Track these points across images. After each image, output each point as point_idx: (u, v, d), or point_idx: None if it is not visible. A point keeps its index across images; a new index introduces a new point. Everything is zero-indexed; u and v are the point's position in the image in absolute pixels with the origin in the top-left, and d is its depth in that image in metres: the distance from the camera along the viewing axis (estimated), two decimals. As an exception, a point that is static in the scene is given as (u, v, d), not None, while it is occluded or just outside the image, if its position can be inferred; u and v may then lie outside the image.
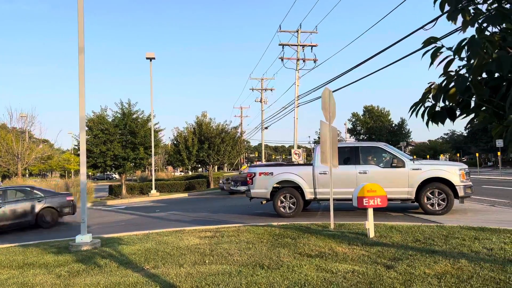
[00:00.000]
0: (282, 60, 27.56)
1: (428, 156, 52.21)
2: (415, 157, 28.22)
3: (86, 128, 23.32)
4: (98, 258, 6.76)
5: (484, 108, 2.28)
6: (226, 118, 39.80)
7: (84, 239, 7.98)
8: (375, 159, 10.90)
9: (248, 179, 11.46)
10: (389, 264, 5.32)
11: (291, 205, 11.01)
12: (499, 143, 29.53)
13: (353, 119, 72.41)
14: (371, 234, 7.08)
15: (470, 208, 11.33)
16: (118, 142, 24.37)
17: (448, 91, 2.02)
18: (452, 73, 2.25)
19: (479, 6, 2.37)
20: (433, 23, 2.46)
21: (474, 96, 2.23)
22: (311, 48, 27.12)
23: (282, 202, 11.06)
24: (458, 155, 47.46)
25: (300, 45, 27.10)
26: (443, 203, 10.00)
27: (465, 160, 60.85)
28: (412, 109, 2.44)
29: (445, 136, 74.80)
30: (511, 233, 6.84)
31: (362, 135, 70.16)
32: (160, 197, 23.82)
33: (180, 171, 69.36)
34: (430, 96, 2.27)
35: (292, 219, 10.33)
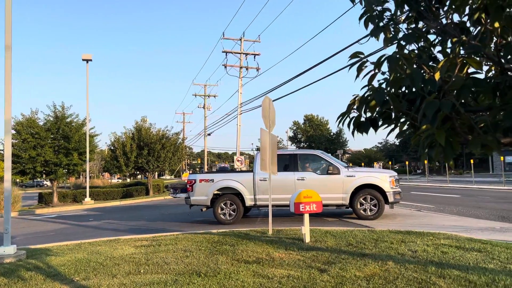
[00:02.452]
0: (225, 67, 27.68)
1: (363, 164, 54.75)
2: (351, 164, 29.47)
3: (13, 132, 21.75)
4: (23, 270, 6.31)
5: (403, 119, 2.46)
6: (168, 123, 39.27)
7: (7, 250, 7.41)
8: (312, 166, 11.26)
9: (188, 186, 11.32)
10: (323, 268, 5.50)
11: (231, 212, 11.02)
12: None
13: (294, 127, 74.25)
14: (307, 239, 7.28)
15: (399, 213, 12.04)
16: (50, 147, 23.00)
17: (369, 103, 2.16)
18: (376, 86, 2.42)
19: (401, 26, 2.58)
20: (367, 38, 2.62)
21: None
22: (254, 56, 27.52)
23: (222, 209, 11.04)
24: (390, 163, 50.32)
25: (243, 53, 27.40)
26: (375, 208, 10.55)
27: (397, 167, 64.61)
28: (339, 120, 2.57)
29: (379, 145, 78.98)
30: (434, 236, 7.37)
31: (302, 143, 72.09)
32: (95, 205, 22.75)
33: (118, 178, 66.76)
34: (355, 107, 2.42)
35: (232, 226, 10.36)
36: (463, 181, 32.57)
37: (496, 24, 1.78)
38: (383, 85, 2.25)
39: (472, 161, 29.67)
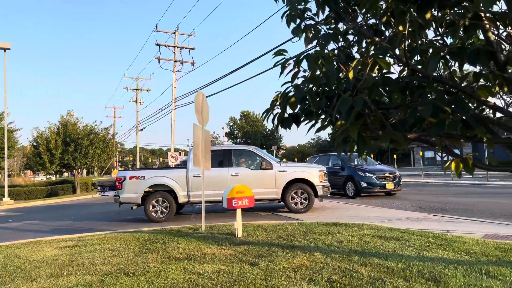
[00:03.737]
0: (158, 60, 26.96)
1: (296, 159, 56.39)
2: (285, 160, 30.08)
3: None
4: None
5: (323, 116, 2.57)
6: (97, 118, 37.42)
7: None
8: (246, 162, 11.38)
9: (117, 183, 10.89)
10: (253, 261, 5.59)
11: (163, 209, 10.80)
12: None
13: (231, 124, 74.44)
14: (239, 233, 7.35)
15: (328, 205, 12.59)
16: (-39, 143, 20.89)
17: (289, 100, 2.23)
18: (298, 83, 2.50)
19: (324, 26, 2.68)
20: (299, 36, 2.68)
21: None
22: (189, 50, 27.10)
23: (154, 206, 10.78)
24: (307, 158, 52.30)
25: (178, 47, 26.87)
26: (305, 202, 10.94)
27: (328, 162, 67.25)
28: (264, 116, 2.62)
29: (312, 141, 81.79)
30: (358, 227, 7.81)
31: (239, 139, 72.53)
32: (15, 205, 21.09)
33: (43, 176, 62.45)
34: (278, 103, 2.48)
35: (164, 224, 10.16)
36: (387, 174, 34.78)
37: (400, 28, 1.92)
38: (304, 83, 2.33)
39: (395, 156, 31.76)
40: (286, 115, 2.62)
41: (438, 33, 2.36)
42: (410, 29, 2.29)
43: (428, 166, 42.60)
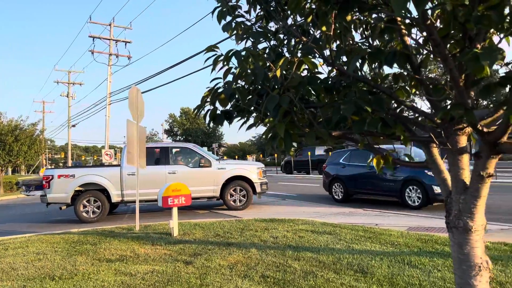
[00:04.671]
0: (92, 53, 25.69)
1: (237, 157, 56.60)
2: (226, 158, 30.14)
3: None
4: None
5: (255, 113, 2.59)
6: (24, 113, 34.85)
7: None
8: (184, 159, 11.21)
9: (44, 182, 10.22)
10: (188, 260, 5.52)
11: (95, 209, 10.32)
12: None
13: (170, 120, 72.96)
14: (175, 232, 7.23)
15: (267, 202, 12.78)
16: None
17: (219, 96, 2.22)
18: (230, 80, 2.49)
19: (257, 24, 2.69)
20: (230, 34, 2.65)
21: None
22: (125, 44, 26.14)
23: (85, 206, 10.26)
24: (261, 155, 53.12)
25: (113, 40, 25.79)
26: (244, 199, 11.02)
27: (268, 160, 68.47)
28: (195, 112, 2.59)
29: (253, 139, 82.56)
30: (293, 222, 8.00)
31: (179, 136, 71.28)
32: None
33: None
34: (208, 100, 2.46)
35: (96, 224, 9.71)
36: (324, 171, 36.06)
37: (324, 28, 1.98)
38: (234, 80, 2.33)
39: (330, 154, 32.93)
40: (218, 111, 2.60)
41: (364, 36, 2.47)
42: (338, 31, 2.38)
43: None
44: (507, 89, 1.71)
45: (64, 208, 10.68)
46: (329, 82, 2.40)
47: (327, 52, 2.38)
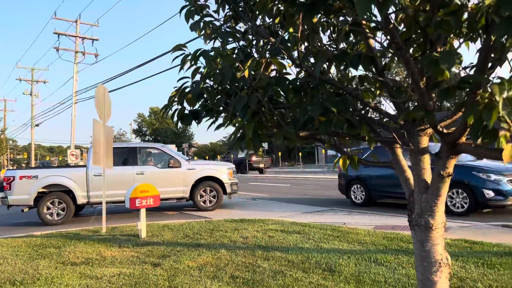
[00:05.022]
0: (57, 50, 24.88)
1: (207, 157, 56.26)
2: (196, 158, 29.82)
3: None
4: None
5: (223, 113, 2.58)
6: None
7: None
8: (153, 160, 11.04)
9: (5, 184, 9.80)
10: (157, 262, 5.44)
11: (60, 211, 9.99)
12: (264, 145, 34.44)
13: (139, 120, 71.68)
14: (143, 234, 7.11)
15: (237, 202, 12.76)
16: None
17: (186, 96, 2.20)
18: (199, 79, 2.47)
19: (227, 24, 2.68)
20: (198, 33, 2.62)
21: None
22: (92, 41, 25.49)
23: (49, 208, 9.92)
24: (232, 156, 52.96)
25: (80, 37, 25.08)
26: (214, 199, 10.96)
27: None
28: (162, 111, 2.55)
29: (224, 139, 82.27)
30: (263, 222, 8.04)
31: (148, 136, 70.12)
32: None
33: None
34: (176, 99, 2.43)
35: (61, 227, 9.40)
36: (294, 172, 36.39)
37: (291, 30, 2.00)
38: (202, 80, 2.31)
39: (301, 154, 33.35)
40: (186, 111, 2.58)
41: (332, 38, 2.51)
42: (306, 33, 2.41)
43: (331, 164, 45.58)
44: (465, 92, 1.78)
45: (27, 210, 10.29)
46: (298, 83, 2.42)
47: (295, 54, 2.41)
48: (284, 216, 9.14)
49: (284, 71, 2.48)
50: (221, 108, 2.48)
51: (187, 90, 2.19)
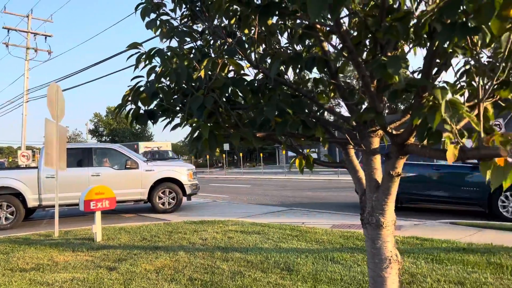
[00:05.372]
0: (7, 46, 23.63)
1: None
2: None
3: None
4: None
5: (181, 113, 2.55)
6: None
7: None
8: (109, 161, 10.71)
9: None
10: (112, 266, 5.29)
11: (8, 215, 9.46)
12: (225, 147, 34.31)
13: (96, 120, 69.39)
14: (99, 238, 6.88)
15: (197, 204, 12.65)
16: None
17: (140, 95, 2.16)
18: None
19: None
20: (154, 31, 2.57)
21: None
22: (45, 38, 24.38)
23: (-4, 212, 9.38)
24: (193, 157, 52.46)
25: (32, 33, 23.95)
26: (173, 201, 10.80)
27: (201, 161, 67.86)
28: (116, 111, 2.49)
29: (184, 140, 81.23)
30: (223, 224, 8.01)
31: (105, 137, 67.98)
32: None
33: None
34: (130, 99, 2.38)
35: (10, 231, 8.91)
36: (255, 172, 36.57)
37: (246, 31, 2.02)
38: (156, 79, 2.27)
39: (261, 155, 33.55)
40: (141, 111, 2.53)
41: (289, 40, 2.55)
42: (264, 35, 2.43)
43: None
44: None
45: (-29, 215, 9.68)
46: (255, 84, 2.44)
47: (253, 55, 2.42)
48: (244, 217, 9.16)
49: (242, 72, 2.49)
50: (177, 108, 2.46)
51: (141, 89, 2.15)
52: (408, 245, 5.73)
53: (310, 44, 2.34)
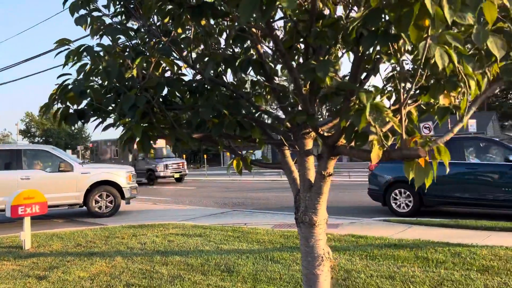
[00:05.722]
0: None
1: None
2: (90, 161, 27.94)
3: None
4: None
5: (114, 113, 2.45)
6: None
7: None
8: (41, 163, 10.09)
9: None
10: (42, 275, 4.97)
11: None
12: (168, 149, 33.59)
13: (27, 120, 64.99)
14: (28, 245, 6.44)
15: (137, 207, 12.24)
16: None
17: (67, 94, 2.06)
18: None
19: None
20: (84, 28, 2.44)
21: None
22: (-31, 30, 22.41)
23: None
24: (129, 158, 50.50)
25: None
26: (111, 205, 10.38)
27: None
28: (42, 111, 2.35)
29: (117, 141, 78.34)
30: (164, 227, 7.84)
31: (38, 138, 63.87)
32: None
33: None
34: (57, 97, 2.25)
35: None
36: (199, 174, 36.20)
37: (180, 30, 1.99)
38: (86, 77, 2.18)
39: (206, 156, 33.30)
40: (71, 110, 2.40)
41: (229, 41, 2.55)
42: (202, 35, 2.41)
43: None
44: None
45: None
46: (194, 84, 2.41)
47: (190, 55, 2.40)
48: (186, 219, 9.02)
49: (180, 72, 2.46)
50: (110, 108, 2.37)
51: (69, 87, 2.04)
52: (344, 242, 5.96)
53: (248, 46, 2.36)
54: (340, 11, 2.10)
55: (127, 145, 2.05)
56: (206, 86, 2.39)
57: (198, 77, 2.56)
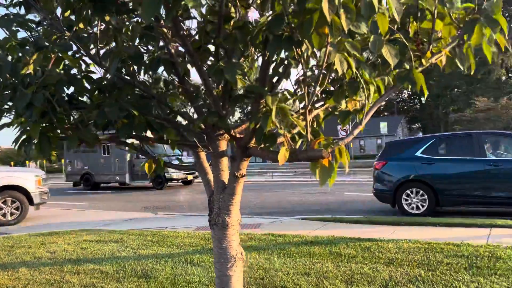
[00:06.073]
0: None
1: (13, 163, 48.61)
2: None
3: None
4: None
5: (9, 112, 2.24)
6: None
7: None
8: None
9: None
10: None
11: None
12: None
13: None
14: None
15: (48, 213, 11.35)
16: None
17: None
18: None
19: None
20: None
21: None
22: None
23: None
24: (27, 162, 46.57)
25: None
26: (17, 211, 9.51)
27: (56, 166, 61.27)
28: None
29: (12, 143, 72.24)
30: (77, 234, 7.36)
31: None
32: None
33: None
34: None
35: None
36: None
37: (81, 25, 1.88)
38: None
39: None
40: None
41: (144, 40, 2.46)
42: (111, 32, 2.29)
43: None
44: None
45: None
46: (104, 82, 2.29)
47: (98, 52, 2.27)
48: (102, 225, 8.57)
49: (88, 69, 2.32)
50: (6, 106, 2.16)
51: None
52: (264, 241, 6.07)
53: (162, 45, 2.30)
54: (256, 15, 2.13)
55: (22, 147, 1.88)
56: (116, 84, 2.28)
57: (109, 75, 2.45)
